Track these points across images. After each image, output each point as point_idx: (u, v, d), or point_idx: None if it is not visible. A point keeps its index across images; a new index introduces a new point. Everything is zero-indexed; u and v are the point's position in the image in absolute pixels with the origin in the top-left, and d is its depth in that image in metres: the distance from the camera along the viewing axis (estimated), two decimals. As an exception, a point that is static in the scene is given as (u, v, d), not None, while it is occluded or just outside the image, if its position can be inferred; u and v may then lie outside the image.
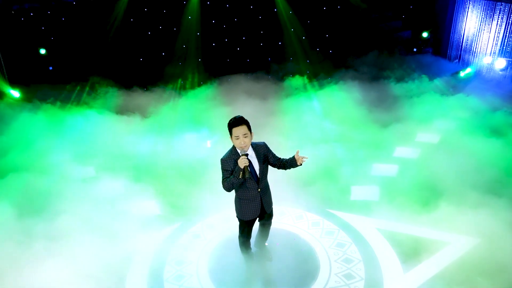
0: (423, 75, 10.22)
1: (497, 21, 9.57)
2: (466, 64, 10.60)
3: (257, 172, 4.18)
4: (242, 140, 3.95)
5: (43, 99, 9.62)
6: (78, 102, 9.60)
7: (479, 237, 5.19)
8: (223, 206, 5.90)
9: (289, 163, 4.26)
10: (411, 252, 5.06)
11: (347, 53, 11.77)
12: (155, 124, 8.73)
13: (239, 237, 4.71)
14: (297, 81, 11.08)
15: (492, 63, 10.14)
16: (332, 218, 5.71)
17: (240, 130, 3.94)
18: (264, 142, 4.27)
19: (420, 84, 10.04)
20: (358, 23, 11.42)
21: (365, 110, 9.06)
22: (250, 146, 4.11)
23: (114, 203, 6.00)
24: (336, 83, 10.57)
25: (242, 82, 11.01)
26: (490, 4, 9.66)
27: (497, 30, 9.65)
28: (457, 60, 10.89)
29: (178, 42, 11.37)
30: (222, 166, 4.09)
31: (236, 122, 3.95)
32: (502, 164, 6.68)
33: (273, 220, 4.83)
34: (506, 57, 9.65)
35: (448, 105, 9.00)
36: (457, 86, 9.76)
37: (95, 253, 5.03)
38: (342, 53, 11.83)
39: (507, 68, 9.62)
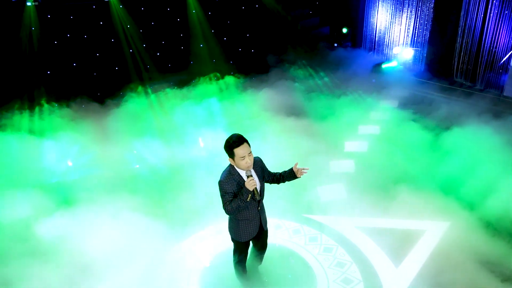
0: (347, 69, 10.70)
1: (407, 13, 10.33)
2: (380, 56, 11.32)
3: (258, 190, 3.86)
4: (248, 160, 3.59)
5: None
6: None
7: (448, 220, 5.50)
8: (196, 227, 5.53)
9: (286, 177, 4.00)
10: (395, 246, 5.14)
11: (269, 52, 11.81)
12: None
13: (234, 260, 4.33)
14: (222, 82, 10.85)
15: (401, 53, 10.95)
16: (310, 223, 5.59)
17: (244, 149, 3.56)
18: (259, 157, 3.95)
19: (345, 78, 10.48)
20: (278, 21, 11.50)
21: (299, 107, 9.18)
22: None
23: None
24: (262, 81, 10.59)
25: (167, 88, 10.41)
26: (398, -2, 10.41)
27: (407, 22, 10.42)
28: (372, 52, 11.56)
29: (91, 50, 10.32)
30: (222, 189, 3.67)
31: (239, 141, 3.56)
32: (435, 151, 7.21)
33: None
34: (417, 47, 10.47)
35: (376, 96, 9.55)
36: (379, 78, 10.34)
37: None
38: (264, 52, 11.83)
39: (420, 58, 10.45)
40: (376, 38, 11.30)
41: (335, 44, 11.46)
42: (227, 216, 5.23)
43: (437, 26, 9.72)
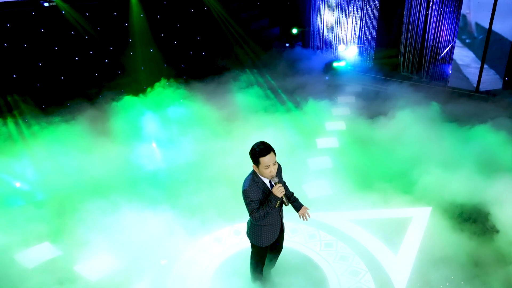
0: (299, 68, 11.00)
1: (353, 13, 10.84)
2: (328, 54, 11.76)
3: None
4: (272, 169, 3.57)
5: None
6: None
7: (429, 205, 5.91)
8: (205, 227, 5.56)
9: (292, 203, 4.07)
10: (389, 234, 5.40)
11: (220, 54, 11.77)
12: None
13: (252, 264, 4.30)
14: (174, 87, 10.62)
15: (346, 51, 11.48)
16: (305, 221, 5.66)
17: (270, 158, 3.53)
18: (278, 163, 3.94)
19: (298, 77, 10.76)
20: (228, 23, 11.50)
21: (258, 107, 9.27)
22: None
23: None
24: (215, 84, 10.58)
25: (121, 95, 9.96)
26: (343, -1, 10.89)
27: (353, 21, 10.93)
28: (319, 51, 11.97)
29: (32, 59, 9.54)
30: (248, 198, 3.62)
31: (265, 150, 3.51)
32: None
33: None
34: (364, 44, 11.04)
35: (331, 93, 9.95)
36: (331, 76, 10.76)
37: None
38: (215, 54, 11.77)
39: (368, 55, 11.02)
40: (324, 37, 11.71)
41: (287, 44, 11.71)
42: (231, 220, 5.24)
43: (382, 24, 10.32)
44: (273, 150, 3.59)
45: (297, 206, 4.06)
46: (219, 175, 6.59)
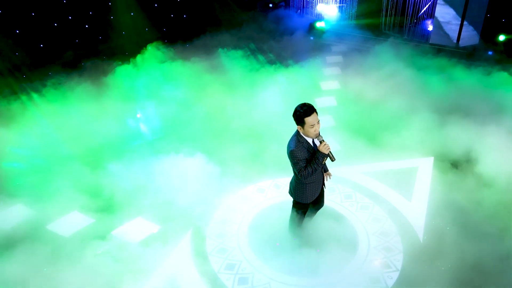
0: (283, 29, 11.08)
1: (335, -28, 10.92)
2: (310, 15, 11.85)
3: None
4: (316, 127, 3.80)
5: None
6: None
7: (431, 155, 6.42)
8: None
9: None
10: (399, 184, 5.86)
11: (202, 16, 11.57)
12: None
13: (293, 219, 4.59)
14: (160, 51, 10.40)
15: (325, 10, 11.63)
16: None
17: (314, 117, 3.75)
18: None
19: (285, 37, 10.86)
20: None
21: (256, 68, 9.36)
22: None
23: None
24: (203, 46, 10.48)
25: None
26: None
27: (335, -20, 11.04)
28: (300, 11, 12.02)
29: (9, 27, 9.02)
30: (296, 157, 3.86)
31: (310, 110, 3.73)
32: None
33: (271, 195, 5.47)
34: (347, 3, 11.20)
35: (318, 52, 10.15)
36: (316, 36, 10.93)
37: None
38: (196, 16, 11.55)
39: (350, 14, 11.22)
40: (304, -4, 11.77)
41: (270, 5, 11.67)
42: (252, 179, 5.71)
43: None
44: (315, 110, 3.80)
45: (324, 168, 4.47)
46: (235, 135, 6.78)
